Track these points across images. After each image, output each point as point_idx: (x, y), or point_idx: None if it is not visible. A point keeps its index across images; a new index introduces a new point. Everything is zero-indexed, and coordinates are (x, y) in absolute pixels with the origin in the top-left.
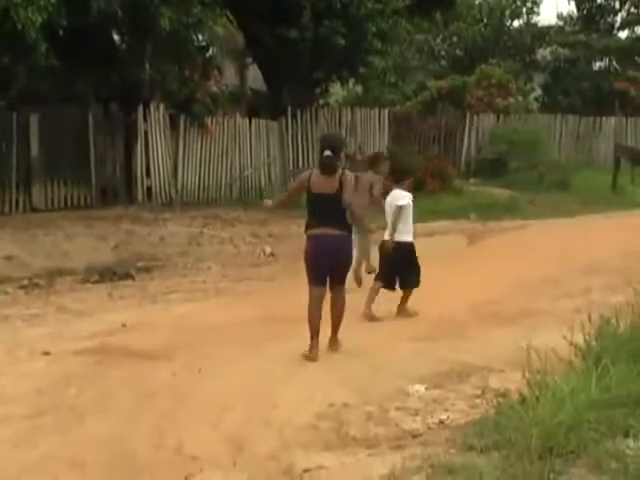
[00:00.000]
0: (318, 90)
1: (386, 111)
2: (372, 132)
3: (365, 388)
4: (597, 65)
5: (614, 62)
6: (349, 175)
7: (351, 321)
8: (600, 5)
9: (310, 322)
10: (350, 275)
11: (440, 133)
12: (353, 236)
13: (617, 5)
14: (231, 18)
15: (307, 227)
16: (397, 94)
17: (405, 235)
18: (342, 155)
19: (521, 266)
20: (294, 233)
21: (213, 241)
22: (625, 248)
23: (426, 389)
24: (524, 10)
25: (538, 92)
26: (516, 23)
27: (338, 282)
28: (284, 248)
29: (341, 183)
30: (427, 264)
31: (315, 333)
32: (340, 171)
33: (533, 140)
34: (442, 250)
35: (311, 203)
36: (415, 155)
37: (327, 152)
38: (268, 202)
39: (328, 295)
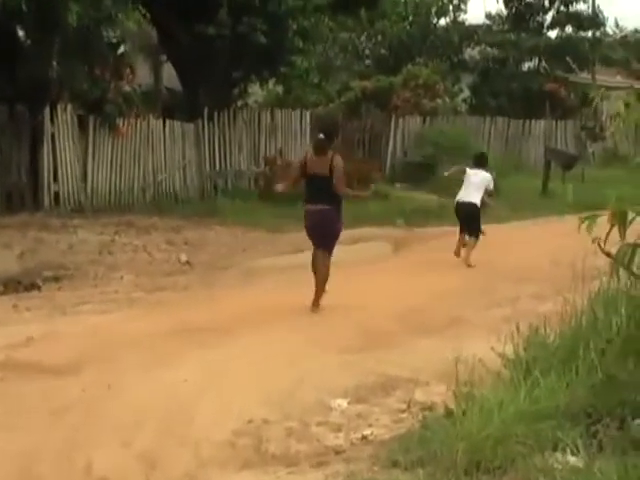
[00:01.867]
0: (236, 90)
1: (308, 113)
2: (293, 135)
3: (286, 402)
4: (526, 66)
5: (544, 62)
6: (339, 161)
7: (271, 329)
8: (529, 4)
9: (313, 271)
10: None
11: (365, 136)
12: None
13: (546, 3)
14: (144, 13)
15: (304, 202)
16: (320, 95)
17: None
18: (335, 140)
19: (449, 274)
20: (211, 240)
21: (126, 249)
22: (555, 255)
23: (349, 403)
24: (451, 8)
25: (466, 93)
26: (443, 21)
27: (323, 248)
28: (200, 256)
29: (331, 167)
30: (351, 272)
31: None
32: (330, 153)
33: (461, 143)
34: (367, 257)
35: (306, 182)
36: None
37: (320, 135)
38: (278, 186)
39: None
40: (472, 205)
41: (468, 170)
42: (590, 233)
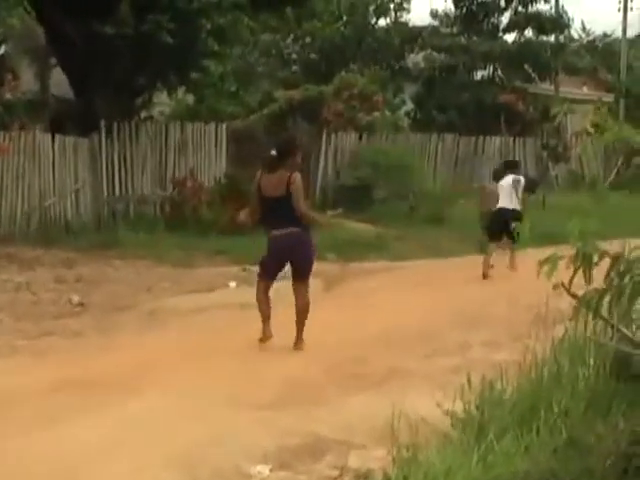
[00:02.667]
0: (140, 100)
1: (224, 126)
2: (207, 152)
3: (196, 469)
4: (479, 74)
5: (499, 70)
6: (298, 179)
7: (179, 382)
8: (483, 3)
9: (260, 307)
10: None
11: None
12: None
13: (502, 3)
14: (29, 9)
15: (267, 228)
16: (238, 106)
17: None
18: (292, 159)
19: (387, 316)
20: (109, 277)
21: (6, 287)
22: (512, 295)
23: (271, 470)
24: (392, 6)
25: (409, 106)
26: (382, 22)
27: (297, 278)
28: (96, 296)
29: (289, 186)
30: (273, 314)
31: (266, 318)
32: (287, 172)
33: (403, 164)
34: (292, 297)
35: (262, 206)
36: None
37: (273, 152)
38: (242, 215)
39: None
40: (509, 210)
41: (487, 185)
42: (550, 278)
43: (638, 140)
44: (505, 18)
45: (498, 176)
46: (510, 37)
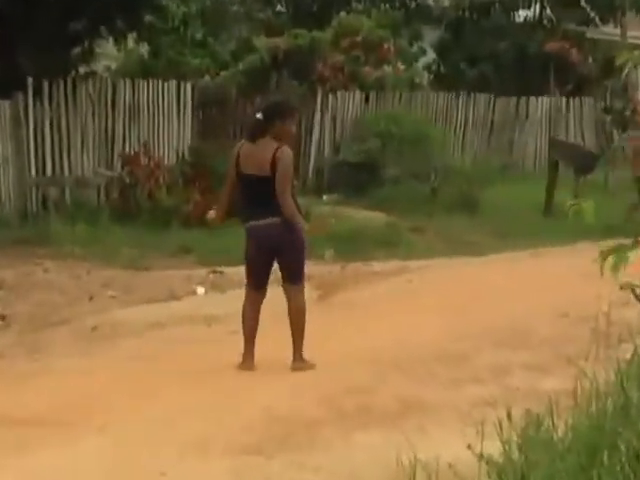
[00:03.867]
0: (77, 51)
1: (188, 86)
2: (166, 119)
3: None
4: (521, 15)
5: (547, 10)
6: (286, 154)
7: (128, 422)
8: None
9: (244, 326)
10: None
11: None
12: None
13: None
14: None
15: (243, 217)
16: (206, 58)
17: None
18: (282, 126)
19: (400, 332)
20: (38, 282)
21: None
22: (563, 305)
23: None
24: None
25: (430, 57)
26: None
27: (287, 279)
28: (22, 306)
29: (274, 162)
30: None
31: (249, 339)
32: (274, 143)
33: (421, 134)
34: (279, 308)
35: (241, 187)
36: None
37: (258, 115)
38: (211, 214)
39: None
40: None
41: None
42: (617, 275)
43: None
44: None
45: None
46: None
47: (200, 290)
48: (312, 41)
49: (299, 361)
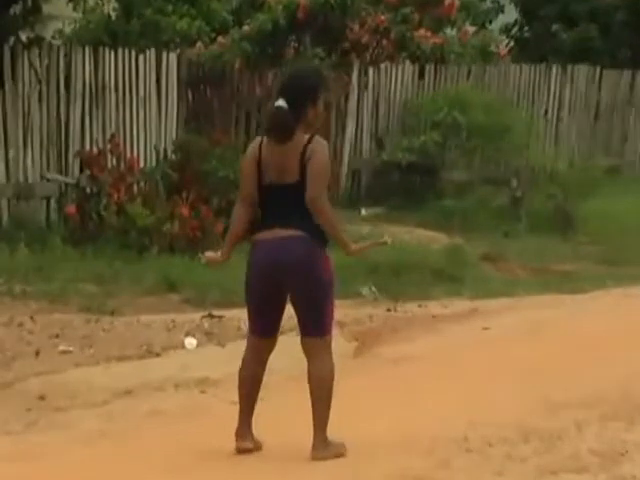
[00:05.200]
0: (17, 10)
1: (173, 57)
2: (142, 103)
3: None
4: None
5: None
6: (321, 149)
7: None
8: None
9: (240, 391)
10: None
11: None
12: None
13: None
14: None
15: (255, 230)
16: (197, 19)
17: None
18: (311, 110)
19: (471, 403)
20: None
21: None
22: None
23: None
24: None
25: (510, 15)
26: None
27: (307, 331)
28: None
29: (303, 164)
30: (271, 398)
31: (246, 407)
32: (303, 138)
33: (498, 123)
34: (301, 365)
35: (261, 198)
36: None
37: (279, 101)
38: (210, 255)
39: None
40: None
41: None
42: None
43: None
44: None
45: None
46: None
47: (190, 342)
48: None
49: (322, 448)
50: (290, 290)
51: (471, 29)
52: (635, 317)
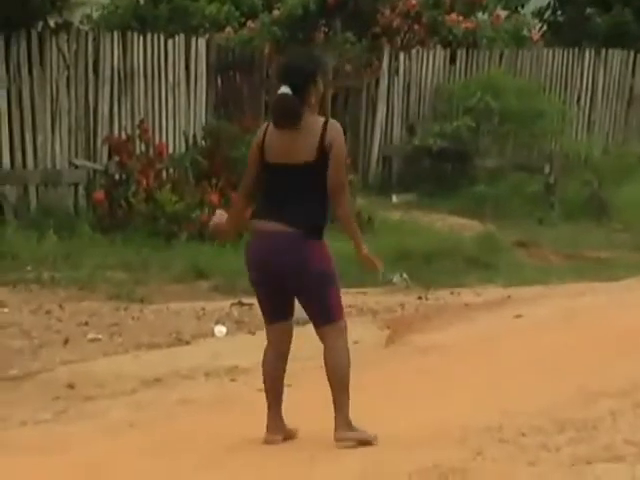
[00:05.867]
0: None
1: (202, 42)
2: (170, 89)
3: None
4: None
5: None
6: (338, 133)
7: None
8: None
9: (265, 379)
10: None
11: (324, 91)
12: None
13: None
14: None
15: (253, 215)
16: (227, 4)
17: None
18: (313, 91)
19: (505, 393)
20: None
21: None
22: None
23: None
24: None
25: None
26: None
27: (318, 318)
28: None
29: (323, 146)
30: (297, 388)
31: (273, 400)
32: (317, 121)
33: (531, 108)
34: (322, 360)
35: (267, 179)
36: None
37: (283, 88)
38: (219, 218)
39: None
40: None
41: None
42: None
43: None
44: None
45: None
46: None
47: (220, 330)
48: None
49: (343, 428)
50: (288, 286)
51: (503, 13)
52: None
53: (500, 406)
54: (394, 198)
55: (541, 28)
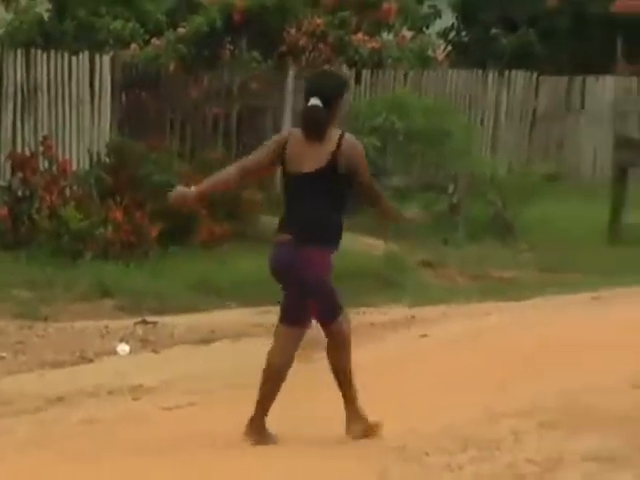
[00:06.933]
0: None
1: (107, 59)
2: (75, 106)
3: None
4: None
5: None
6: (355, 143)
7: None
8: None
9: (264, 376)
10: None
11: (229, 109)
12: None
13: None
14: None
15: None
16: (132, 20)
17: None
18: (340, 106)
19: (410, 412)
20: None
21: None
22: (638, 375)
23: None
24: None
25: (447, 20)
26: None
27: (322, 316)
28: None
29: (336, 155)
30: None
31: (263, 397)
32: (335, 134)
33: (436, 128)
34: (232, 379)
35: (286, 188)
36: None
37: (313, 100)
38: (180, 189)
39: None
40: None
41: None
42: None
43: None
44: None
45: None
46: None
47: (123, 349)
48: None
49: (357, 423)
50: (293, 289)
51: (409, 34)
52: (578, 325)
53: (405, 426)
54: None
55: (446, 48)
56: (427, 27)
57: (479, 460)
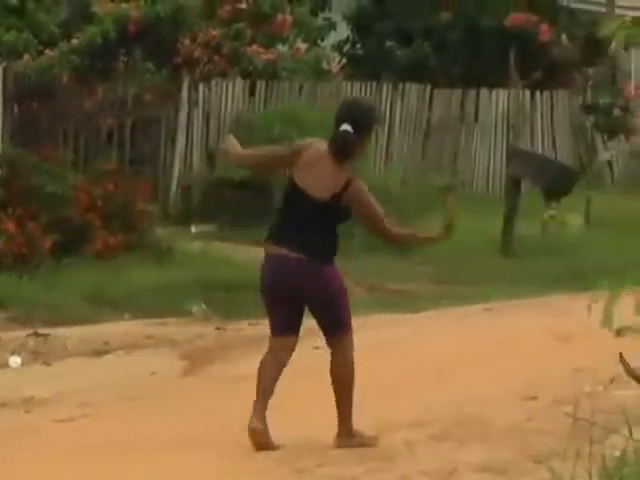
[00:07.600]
0: None
1: (0, 69)
2: None
3: None
4: None
5: None
6: (362, 187)
7: None
8: None
9: (258, 386)
10: None
11: (123, 120)
12: None
13: None
14: None
15: (268, 237)
16: (25, 31)
17: None
18: (370, 138)
19: (303, 421)
20: None
21: None
22: (530, 384)
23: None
24: None
25: (343, 32)
26: None
27: (330, 329)
28: None
29: (342, 193)
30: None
31: (261, 395)
32: (350, 169)
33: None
34: (121, 391)
35: (288, 203)
36: None
37: (345, 126)
38: (230, 143)
39: None
40: None
41: None
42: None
43: None
44: None
45: None
46: None
47: (15, 361)
48: (176, 8)
49: (345, 433)
50: (303, 298)
51: (303, 46)
52: (470, 337)
53: (299, 437)
54: (193, 229)
55: (341, 61)
56: (322, 39)
57: (374, 471)
